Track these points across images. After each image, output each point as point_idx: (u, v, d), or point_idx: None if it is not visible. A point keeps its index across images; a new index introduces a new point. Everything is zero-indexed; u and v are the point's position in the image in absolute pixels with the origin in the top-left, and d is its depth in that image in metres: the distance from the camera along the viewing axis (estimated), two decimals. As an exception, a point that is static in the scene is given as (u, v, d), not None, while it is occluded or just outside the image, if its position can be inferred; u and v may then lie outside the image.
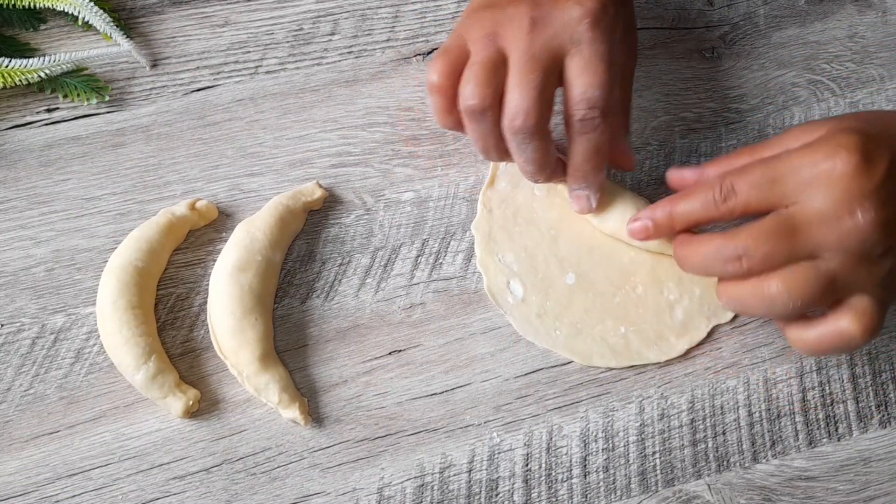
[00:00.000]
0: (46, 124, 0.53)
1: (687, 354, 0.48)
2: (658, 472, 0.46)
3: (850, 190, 0.39)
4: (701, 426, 0.47)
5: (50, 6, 0.54)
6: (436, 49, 0.55)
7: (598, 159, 0.46)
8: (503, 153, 0.46)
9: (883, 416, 0.48)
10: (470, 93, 0.44)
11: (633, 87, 0.51)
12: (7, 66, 0.52)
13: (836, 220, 0.39)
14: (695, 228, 0.45)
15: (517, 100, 0.43)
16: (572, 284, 0.50)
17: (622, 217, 0.48)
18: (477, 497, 0.45)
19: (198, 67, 0.55)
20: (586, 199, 0.48)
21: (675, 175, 0.47)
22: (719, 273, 0.42)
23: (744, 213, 0.42)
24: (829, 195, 0.39)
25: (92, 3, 0.54)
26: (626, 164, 0.50)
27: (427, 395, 0.47)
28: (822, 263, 0.40)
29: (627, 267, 0.50)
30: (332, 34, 0.57)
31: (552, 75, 0.44)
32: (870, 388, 0.49)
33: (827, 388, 0.49)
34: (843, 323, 0.41)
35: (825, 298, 0.41)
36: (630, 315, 0.49)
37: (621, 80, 0.49)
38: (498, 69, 0.44)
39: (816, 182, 0.40)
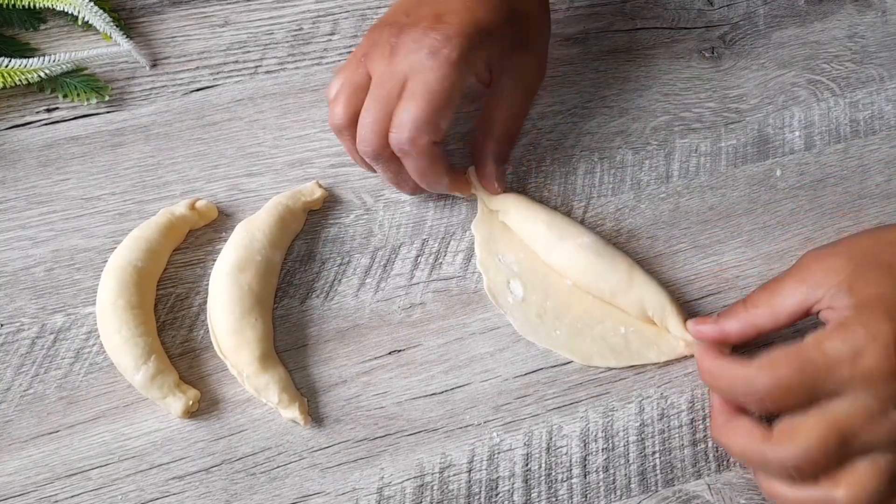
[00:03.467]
0: (46, 124, 0.53)
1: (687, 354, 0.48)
2: (658, 472, 0.46)
3: (892, 386, 0.37)
4: (701, 426, 0.47)
5: (50, 6, 0.54)
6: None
7: (425, 180, 0.47)
8: (367, 166, 0.49)
9: (883, 416, 0.48)
10: (332, 112, 0.47)
11: (633, 87, 0.51)
12: (7, 66, 0.52)
13: (884, 417, 0.38)
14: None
15: (362, 123, 0.45)
16: (571, 286, 0.50)
17: (526, 219, 0.50)
18: (477, 497, 0.45)
19: (197, 67, 0.55)
20: (453, 191, 0.50)
21: (694, 330, 0.46)
22: (764, 475, 0.41)
23: (783, 408, 0.40)
24: (873, 394, 0.38)
25: (92, 3, 0.54)
26: (487, 188, 0.51)
27: (427, 395, 0.47)
28: (882, 461, 0.38)
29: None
30: (332, 34, 0.57)
31: (397, 99, 0.45)
32: (870, 388, 0.49)
33: (827, 388, 0.49)
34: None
35: (891, 498, 0.39)
36: (630, 315, 0.49)
37: (503, 104, 0.50)
38: (359, 91, 0.46)
39: (857, 381, 0.38)
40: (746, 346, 0.46)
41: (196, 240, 0.50)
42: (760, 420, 0.41)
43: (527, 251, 0.50)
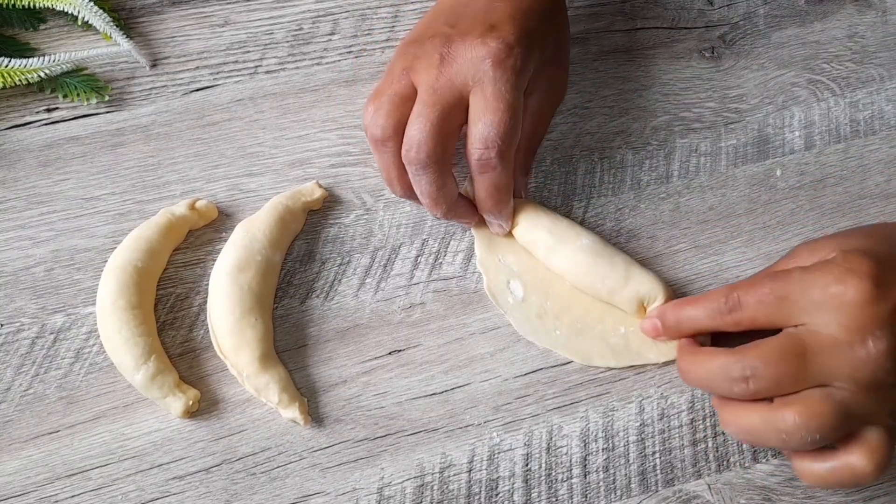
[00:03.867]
0: (46, 124, 0.53)
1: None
2: (658, 472, 0.46)
3: (861, 318, 0.38)
4: (701, 426, 0.47)
5: (50, 6, 0.54)
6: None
7: (498, 196, 0.47)
8: (406, 187, 0.47)
9: (883, 415, 0.48)
10: (373, 123, 0.45)
11: (633, 87, 0.51)
12: (7, 66, 0.52)
13: (847, 348, 0.38)
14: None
15: (413, 131, 0.44)
16: (571, 285, 0.50)
17: (530, 228, 0.49)
18: (477, 497, 0.45)
19: (197, 67, 0.55)
20: (498, 226, 0.49)
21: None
22: (723, 392, 0.41)
23: (750, 326, 0.41)
24: (841, 322, 0.38)
25: (92, 3, 0.54)
26: (516, 196, 0.50)
27: (427, 395, 0.47)
28: (837, 393, 0.39)
29: None
30: (332, 34, 0.57)
31: (454, 111, 0.44)
32: (870, 388, 0.49)
33: (827, 387, 0.49)
34: (855, 459, 0.40)
35: (841, 431, 0.39)
36: (630, 315, 0.49)
37: (533, 117, 0.49)
38: (404, 102, 0.45)
39: (827, 306, 0.39)
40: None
41: (196, 240, 0.50)
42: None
43: (527, 252, 0.50)
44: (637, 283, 0.48)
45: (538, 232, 0.49)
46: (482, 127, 0.44)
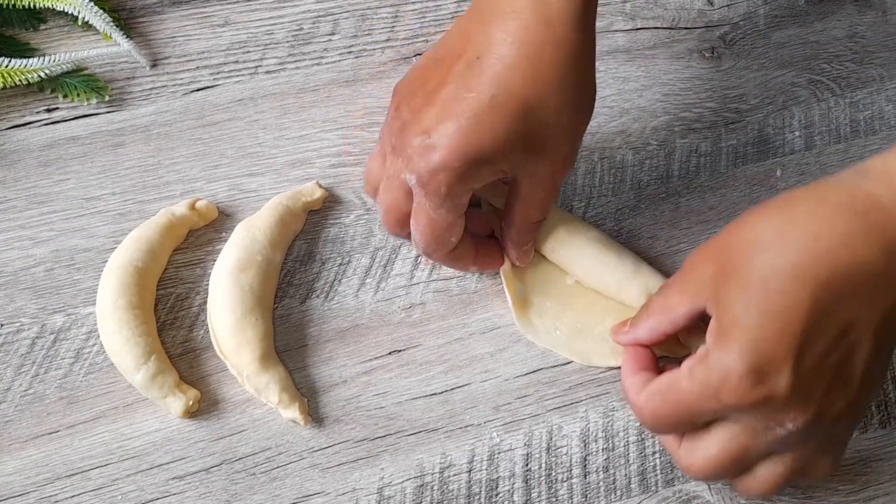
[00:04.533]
0: (46, 124, 0.53)
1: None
2: (658, 472, 0.46)
3: (763, 412, 0.37)
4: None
5: (50, 6, 0.54)
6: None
7: (462, 264, 0.48)
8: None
9: (883, 416, 0.48)
10: (384, 221, 0.46)
11: (633, 87, 0.51)
12: (7, 66, 0.52)
13: (771, 432, 0.38)
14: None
15: (415, 235, 0.45)
16: (572, 284, 0.50)
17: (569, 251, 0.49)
18: (477, 497, 0.45)
19: (198, 67, 0.55)
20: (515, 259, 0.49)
21: (613, 337, 0.46)
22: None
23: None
24: (751, 416, 0.37)
25: (92, 3, 0.54)
26: (511, 262, 0.49)
27: (427, 395, 0.47)
28: (779, 460, 0.39)
29: None
30: (332, 34, 0.57)
31: (405, 199, 0.44)
32: (870, 388, 0.49)
33: (827, 388, 0.49)
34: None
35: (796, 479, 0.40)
36: (630, 314, 0.49)
37: (524, 200, 0.45)
38: (401, 205, 0.44)
39: (730, 409, 0.37)
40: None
41: (196, 240, 0.50)
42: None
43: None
44: (645, 277, 0.48)
45: (547, 222, 0.49)
46: (411, 229, 0.45)
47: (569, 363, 0.48)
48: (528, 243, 0.48)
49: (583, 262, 0.49)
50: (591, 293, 0.49)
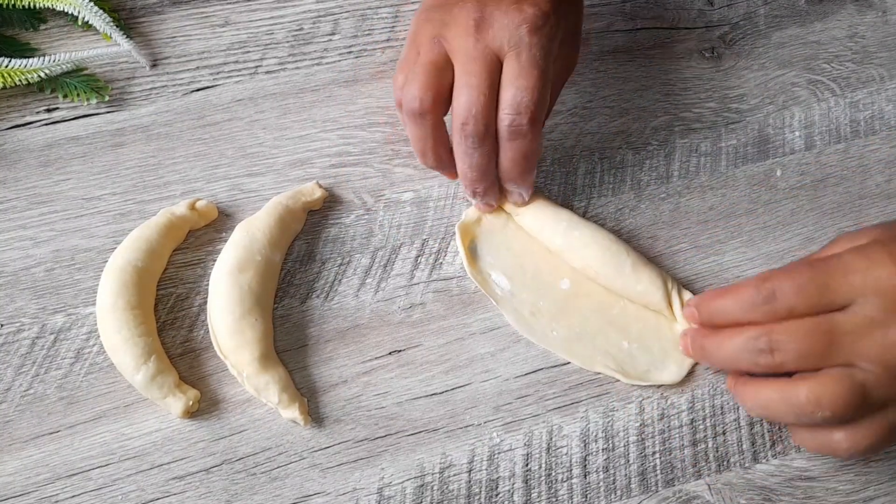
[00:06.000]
0: (46, 124, 0.53)
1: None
2: (658, 472, 0.46)
3: None
4: (701, 426, 0.47)
5: (50, 6, 0.54)
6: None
7: (525, 164, 0.46)
8: (439, 158, 0.47)
9: (883, 416, 0.48)
10: (409, 94, 0.44)
11: (633, 87, 0.51)
12: (7, 66, 0.52)
13: (881, 329, 0.37)
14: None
15: (467, 104, 0.43)
16: (567, 290, 0.49)
17: (550, 205, 0.50)
18: (477, 497, 0.45)
19: (198, 67, 0.55)
20: (518, 195, 0.49)
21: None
22: (747, 366, 0.41)
23: (787, 316, 0.40)
24: (878, 303, 0.38)
25: (92, 3, 0.54)
26: None
27: (427, 395, 0.47)
28: (859, 374, 0.38)
29: None
30: (332, 34, 0.57)
31: (496, 78, 0.44)
32: (870, 388, 0.49)
33: (827, 388, 0.49)
34: (838, 436, 0.39)
35: (856, 412, 0.39)
36: (631, 329, 0.49)
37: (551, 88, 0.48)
38: (441, 71, 0.44)
39: (867, 289, 0.38)
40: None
41: (196, 240, 0.50)
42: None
43: (510, 250, 0.50)
44: (657, 268, 0.49)
45: (560, 209, 0.49)
46: (515, 92, 0.43)
47: (568, 363, 0.48)
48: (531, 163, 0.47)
49: (593, 246, 0.49)
50: (587, 298, 0.49)
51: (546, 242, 0.50)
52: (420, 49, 0.45)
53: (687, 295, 0.49)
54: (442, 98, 0.44)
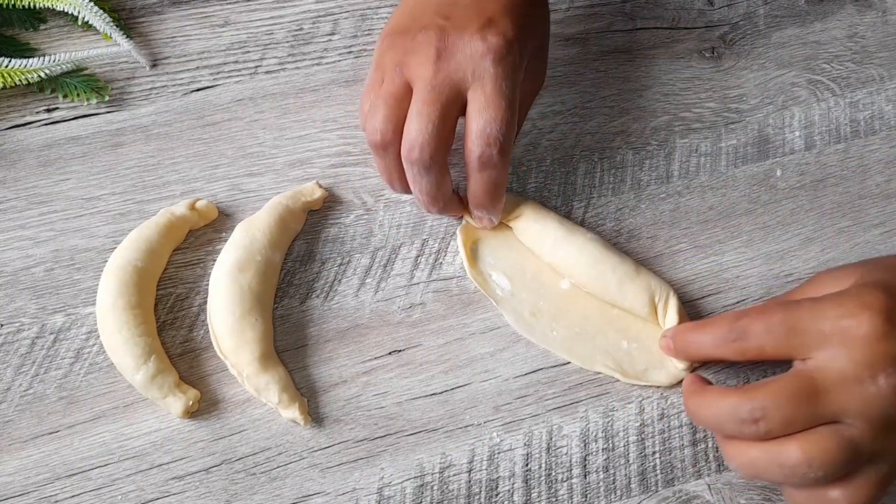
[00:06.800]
0: (46, 124, 0.53)
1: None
2: (658, 472, 0.46)
3: (872, 353, 0.37)
4: (700, 426, 0.47)
5: (50, 6, 0.54)
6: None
7: (494, 192, 0.46)
8: (406, 187, 0.47)
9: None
10: (371, 127, 0.44)
11: (633, 87, 0.51)
12: (7, 66, 0.52)
13: (857, 384, 0.37)
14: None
15: (414, 132, 0.43)
16: (567, 290, 0.49)
17: (540, 218, 0.50)
18: (477, 497, 0.45)
19: (197, 67, 0.55)
20: (488, 220, 0.49)
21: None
22: (733, 434, 0.40)
23: (756, 357, 0.40)
24: (851, 356, 0.37)
25: (92, 3, 0.54)
26: None
27: (427, 395, 0.47)
28: (846, 430, 0.37)
29: None
30: (332, 34, 0.57)
31: (453, 108, 0.43)
32: (870, 388, 0.49)
33: (827, 388, 0.49)
34: (835, 493, 0.39)
35: (847, 468, 0.38)
36: (630, 329, 0.49)
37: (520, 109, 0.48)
38: (400, 102, 0.44)
39: (837, 339, 0.37)
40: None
41: (196, 240, 0.50)
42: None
43: (514, 254, 0.50)
44: (648, 278, 0.48)
45: (548, 222, 0.49)
46: (484, 123, 0.43)
47: (568, 363, 0.48)
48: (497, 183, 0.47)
49: (584, 261, 0.48)
50: (587, 298, 0.49)
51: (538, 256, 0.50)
52: (384, 75, 0.45)
53: (671, 313, 0.48)
54: (401, 128, 0.44)
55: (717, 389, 0.41)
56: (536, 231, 0.50)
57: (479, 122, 0.43)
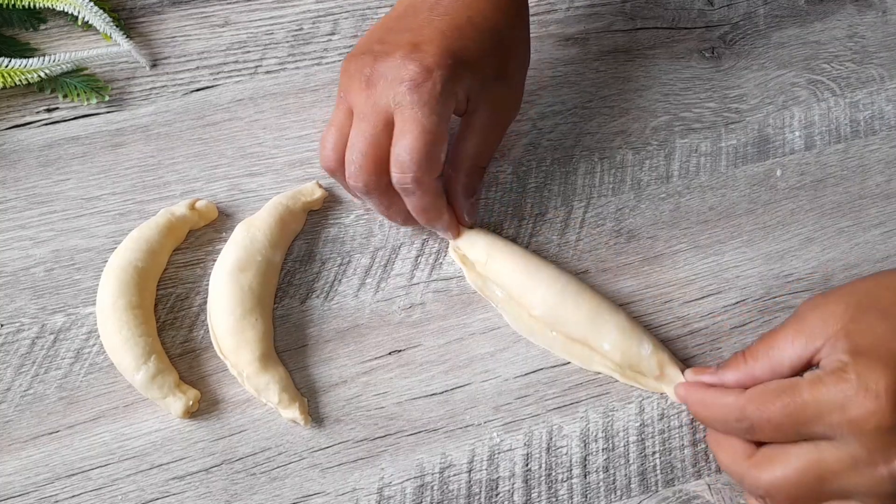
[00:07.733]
0: (46, 124, 0.53)
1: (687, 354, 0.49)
2: (658, 472, 0.46)
3: (883, 441, 0.37)
4: (701, 426, 0.47)
5: (50, 6, 0.54)
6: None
7: (426, 215, 0.47)
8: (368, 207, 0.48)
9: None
10: (322, 154, 0.46)
11: (633, 87, 0.51)
12: (7, 66, 0.52)
13: (869, 468, 0.37)
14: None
15: (349, 160, 0.44)
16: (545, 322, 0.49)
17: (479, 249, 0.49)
18: (477, 497, 0.45)
19: (197, 67, 0.55)
20: (444, 234, 0.50)
21: (692, 379, 0.45)
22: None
23: (768, 441, 0.40)
24: (861, 443, 0.37)
25: (92, 3, 0.54)
26: (458, 222, 0.49)
27: (427, 395, 0.47)
28: None
29: None
30: (332, 34, 0.57)
31: (383, 134, 0.44)
32: (870, 388, 0.49)
33: (827, 388, 0.49)
34: None
35: None
36: (615, 362, 0.48)
37: (478, 136, 0.47)
38: (343, 129, 0.45)
39: (845, 429, 0.37)
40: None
41: (196, 240, 0.50)
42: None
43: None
44: (639, 336, 0.47)
45: (504, 272, 0.48)
46: (398, 151, 0.43)
47: (568, 363, 0.48)
48: (475, 194, 0.49)
49: (547, 302, 0.48)
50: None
51: None
52: (336, 105, 0.46)
53: (669, 370, 0.47)
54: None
55: (726, 446, 0.42)
56: (497, 272, 0.49)
57: (395, 149, 0.43)
